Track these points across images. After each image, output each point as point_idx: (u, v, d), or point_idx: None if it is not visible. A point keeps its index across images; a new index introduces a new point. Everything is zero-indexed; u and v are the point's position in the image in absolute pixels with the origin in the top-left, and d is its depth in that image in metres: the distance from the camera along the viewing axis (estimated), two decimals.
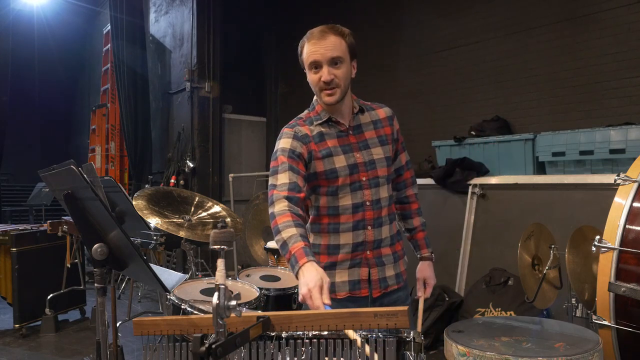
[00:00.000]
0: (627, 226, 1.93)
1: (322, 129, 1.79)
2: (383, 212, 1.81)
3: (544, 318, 2.75)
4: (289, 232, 1.56)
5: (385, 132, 1.85)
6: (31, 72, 9.72)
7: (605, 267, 1.92)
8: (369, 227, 1.78)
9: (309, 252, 1.54)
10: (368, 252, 1.79)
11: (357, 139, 1.80)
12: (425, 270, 1.96)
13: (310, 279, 1.46)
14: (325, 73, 1.69)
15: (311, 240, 1.82)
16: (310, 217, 1.84)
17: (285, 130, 1.80)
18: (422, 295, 1.94)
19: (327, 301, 1.46)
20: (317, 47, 1.68)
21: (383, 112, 1.90)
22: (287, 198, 1.64)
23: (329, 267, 1.78)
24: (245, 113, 7.32)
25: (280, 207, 1.62)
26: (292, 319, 1.46)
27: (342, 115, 1.80)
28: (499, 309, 3.59)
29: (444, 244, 4.36)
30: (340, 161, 1.76)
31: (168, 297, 2.24)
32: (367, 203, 1.78)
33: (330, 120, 1.80)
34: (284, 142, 1.76)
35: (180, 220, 3.85)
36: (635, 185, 1.99)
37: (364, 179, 1.77)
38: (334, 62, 1.69)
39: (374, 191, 1.78)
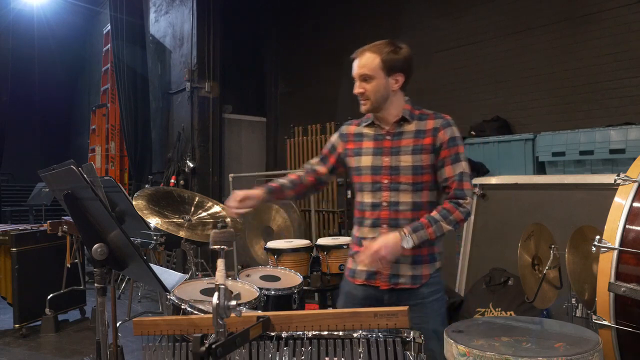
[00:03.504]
0: (627, 226, 1.92)
1: (364, 130, 2.04)
2: (402, 215, 1.93)
3: (544, 318, 2.75)
4: (280, 181, 2.14)
5: (425, 142, 1.94)
6: (31, 72, 9.70)
7: (605, 267, 1.92)
8: (384, 226, 1.94)
9: (267, 186, 2.10)
10: None
11: (392, 144, 1.97)
12: (384, 236, 1.85)
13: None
14: (355, 87, 1.98)
15: (352, 231, 2.11)
16: None
17: (342, 126, 2.15)
18: (358, 258, 1.89)
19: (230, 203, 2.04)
20: (354, 64, 1.99)
21: (433, 122, 1.97)
22: (305, 168, 2.18)
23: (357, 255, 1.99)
24: (245, 113, 7.32)
25: (296, 172, 2.19)
26: (292, 319, 1.46)
27: (385, 121, 2.00)
28: (499, 309, 3.59)
29: (444, 244, 4.35)
30: (366, 161, 1.99)
31: (168, 297, 2.24)
32: (384, 204, 1.95)
33: (374, 124, 2.02)
34: (333, 136, 2.17)
35: (180, 220, 3.85)
36: (635, 185, 1.99)
37: (385, 181, 1.95)
38: (363, 78, 1.95)
39: (393, 194, 1.94)
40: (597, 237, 1.96)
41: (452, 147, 1.95)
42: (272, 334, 1.51)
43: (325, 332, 1.49)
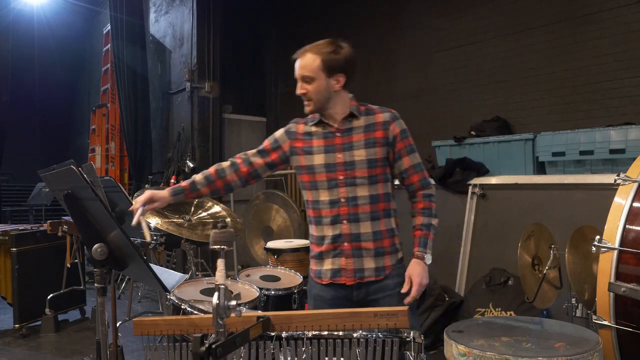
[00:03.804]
0: (627, 226, 1.93)
1: (313, 129, 2.03)
2: (362, 209, 1.96)
3: (544, 318, 2.75)
4: (195, 177, 2.09)
5: (376, 135, 1.98)
6: (31, 72, 9.70)
7: (605, 267, 1.92)
8: (344, 222, 1.96)
9: (174, 187, 2.06)
10: (346, 244, 1.97)
11: (343, 140, 1.98)
12: (411, 268, 1.97)
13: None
14: (297, 88, 1.98)
15: (310, 231, 2.08)
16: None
17: (289, 124, 2.11)
18: (404, 291, 1.93)
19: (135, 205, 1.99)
20: (296, 65, 1.98)
21: (382, 116, 2.02)
22: (232, 161, 2.09)
23: (318, 257, 2.03)
24: (245, 113, 7.31)
25: (220, 163, 2.11)
26: (292, 319, 1.46)
27: (333, 119, 2.00)
28: (499, 309, 3.59)
29: (444, 244, 4.36)
30: (319, 159, 1.99)
31: (168, 297, 2.24)
32: (342, 200, 1.96)
33: (322, 122, 2.01)
34: (277, 132, 2.11)
35: (180, 220, 3.85)
36: (635, 185, 1.99)
37: (340, 177, 1.96)
38: (304, 79, 1.96)
39: (350, 189, 1.96)
40: (597, 237, 1.96)
41: (405, 139, 2.02)
42: (272, 334, 1.51)
43: (325, 332, 1.49)
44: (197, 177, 2.09)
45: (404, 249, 2.09)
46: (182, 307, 2.16)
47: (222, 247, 1.25)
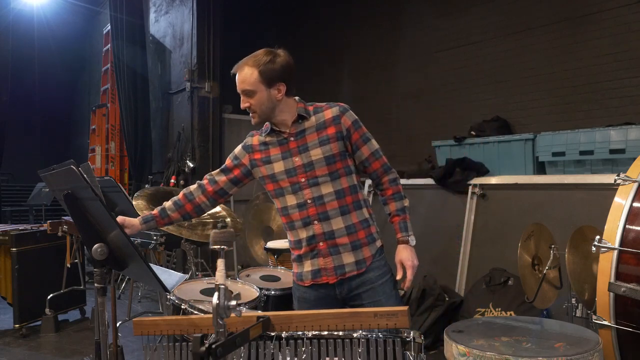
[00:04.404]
0: (627, 226, 1.92)
1: (268, 139, 2.05)
2: (329, 206, 1.97)
3: (544, 318, 2.75)
4: (165, 204, 2.14)
5: (328, 132, 1.98)
6: (31, 72, 9.70)
7: (605, 267, 1.92)
8: (315, 222, 1.98)
9: (144, 215, 2.11)
10: (321, 244, 2.00)
11: (297, 143, 2.00)
12: (399, 253, 1.99)
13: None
14: (241, 102, 2.02)
15: (287, 237, 2.14)
16: None
17: (246, 138, 2.14)
18: (399, 278, 1.97)
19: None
20: (236, 79, 2.02)
21: (330, 112, 2.02)
22: (199, 183, 2.14)
23: (298, 259, 2.08)
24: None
25: (188, 187, 2.16)
26: (292, 319, 1.46)
27: (284, 125, 2.02)
28: (499, 309, 3.59)
29: (444, 244, 4.36)
30: (279, 166, 2.01)
31: (168, 297, 2.24)
32: (309, 201, 1.98)
33: (274, 131, 2.03)
34: (236, 148, 2.14)
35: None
36: (635, 185, 1.99)
37: (302, 180, 1.98)
38: (245, 93, 1.98)
39: (314, 189, 1.97)
40: (597, 237, 1.96)
41: (359, 129, 2.02)
42: (272, 334, 1.51)
43: (325, 332, 1.49)
44: (167, 203, 2.14)
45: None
46: (182, 307, 2.16)
47: (222, 247, 1.25)
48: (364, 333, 1.50)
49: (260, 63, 1.96)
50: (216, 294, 1.20)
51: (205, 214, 4.11)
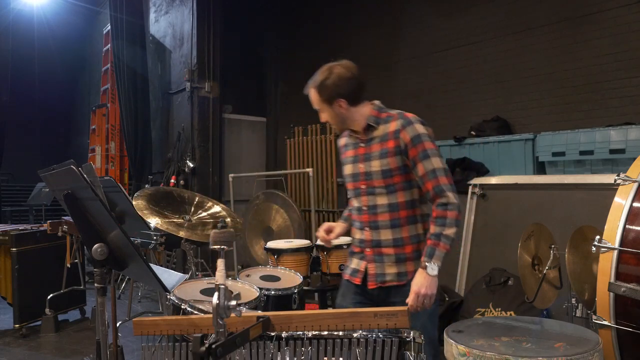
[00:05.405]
0: (627, 226, 1.92)
1: (349, 140, 2.18)
2: (381, 217, 2.03)
3: (544, 318, 2.75)
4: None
5: (388, 145, 2.00)
6: (31, 72, 9.70)
7: (605, 267, 1.92)
8: (367, 229, 2.07)
9: (343, 216, 2.33)
10: (367, 250, 2.08)
11: (365, 150, 2.07)
12: (414, 277, 1.94)
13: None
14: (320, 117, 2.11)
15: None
16: None
17: None
18: (408, 301, 1.91)
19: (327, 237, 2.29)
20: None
21: (394, 124, 2.01)
22: None
23: (350, 254, 2.20)
24: (245, 113, 7.31)
25: None
26: (292, 319, 1.46)
27: (358, 131, 2.10)
28: (499, 309, 3.59)
29: None
30: (348, 169, 2.14)
31: (168, 297, 2.24)
32: (364, 208, 2.07)
33: (353, 133, 2.13)
34: None
35: (180, 220, 3.86)
36: (635, 185, 1.99)
37: (362, 186, 2.07)
38: (319, 110, 2.09)
39: (370, 198, 2.05)
40: (597, 237, 1.96)
41: (418, 145, 1.96)
42: (272, 334, 1.51)
43: (325, 332, 1.49)
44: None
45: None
46: (182, 307, 2.16)
47: (222, 247, 1.25)
48: (363, 333, 1.50)
49: (317, 84, 2.04)
50: (216, 294, 1.20)
51: (205, 214, 4.12)
